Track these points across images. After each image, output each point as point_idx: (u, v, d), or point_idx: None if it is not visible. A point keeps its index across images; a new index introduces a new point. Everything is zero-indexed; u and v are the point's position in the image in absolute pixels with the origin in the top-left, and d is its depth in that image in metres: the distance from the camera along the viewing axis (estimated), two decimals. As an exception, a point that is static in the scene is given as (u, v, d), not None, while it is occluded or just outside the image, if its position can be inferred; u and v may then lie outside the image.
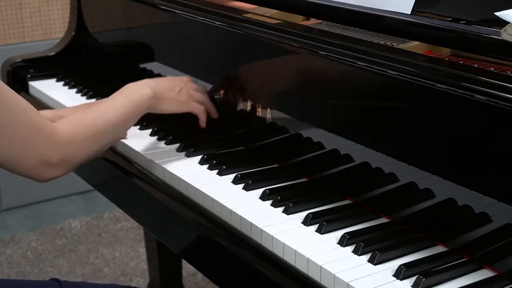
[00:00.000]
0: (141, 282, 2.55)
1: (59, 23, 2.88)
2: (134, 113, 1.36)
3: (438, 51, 1.17)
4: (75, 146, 1.23)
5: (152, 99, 1.38)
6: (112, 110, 1.32)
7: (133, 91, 1.37)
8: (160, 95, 1.39)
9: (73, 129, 1.24)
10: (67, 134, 1.22)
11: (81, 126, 1.26)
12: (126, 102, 1.34)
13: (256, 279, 1.10)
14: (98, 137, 1.28)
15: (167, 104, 1.41)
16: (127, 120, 1.35)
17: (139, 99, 1.36)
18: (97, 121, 1.29)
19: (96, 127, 1.28)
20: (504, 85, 0.97)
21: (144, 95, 1.37)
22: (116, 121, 1.32)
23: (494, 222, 1.05)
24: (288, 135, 1.35)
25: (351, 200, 1.21)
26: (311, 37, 1.25)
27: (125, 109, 1.33)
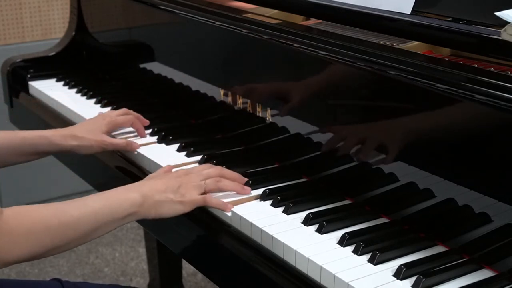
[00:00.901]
0: (141, 282, 2.55)
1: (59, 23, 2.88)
2: (109, 219, 1.13)
3: (438, 51, 1.17)
4: (12, 242, 1.03)
5: (140, 207, 1.15)
6: (78, 208, 1.11)
7: (117, 193, 1.16)
8: (153, 200, 1.16)
9: (17, 221, 1.05)
10: (7, 226, 1.03)
11: (30, 219, 1.07)
12: (100, 203, 1.13)
13: (256, 279, 1.10)
14: (46, 238, 1.07)
15: (165, 208, 1.17)
16: (96, 224, 1.12)
17: (121, 204, 1.14)
18: (52, 219, 1.08)
19: (48, 226, 1.07)
20: (504, 85, 0.97)
21: (128, 200, 1.14)
22: (77, 222, 1.10)
23: (494, 222, 1.05)
24: (288, 135, 1.35)
25: (351, 200, 1.21)
26: (311, 37, 1.25)
27: (96, 210, 1.12)
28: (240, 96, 1.44)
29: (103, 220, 1.12)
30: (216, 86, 1.51)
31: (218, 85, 1.51)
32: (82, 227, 1.10)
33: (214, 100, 1.51)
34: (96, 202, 1.13)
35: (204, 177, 1.21)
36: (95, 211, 1.11)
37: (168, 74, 1.69)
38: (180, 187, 1.18)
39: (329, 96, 1.26)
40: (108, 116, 1.49)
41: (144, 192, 1.16)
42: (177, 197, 1.17)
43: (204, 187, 1.20)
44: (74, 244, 1.12)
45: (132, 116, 1.51)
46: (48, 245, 1.08)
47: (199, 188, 1.20)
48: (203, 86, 1.56)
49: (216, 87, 1.51)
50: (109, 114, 1.51)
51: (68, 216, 1.09)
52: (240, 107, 1.44)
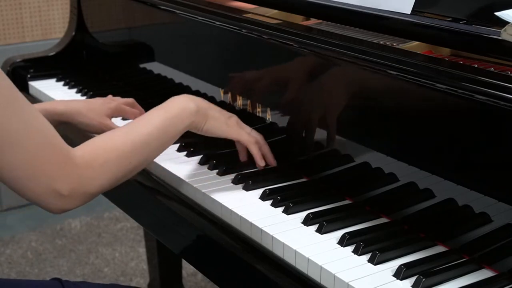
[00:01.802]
0: (141, 282, 2.55)
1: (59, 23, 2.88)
2: (173, 130, 1.20)
3: (438, 51, 1.17)
4: (93, 174, 1.07)
5: (196, 115, 1.23)
6: (145, 125, 1.17)
7: (174, 104, 1.22)
8: (206, 112, 1.25)
9: (92, 155, 1.08)
10: (84, 161, 1.06)
11: (103, 150, 1.10)
12: (163, 116, 1.19)
13: (256, 279, 1.10)
14: (124, 161, 1.12)
15: (213, 124, 1.26)
16: (164, 137, 1.19)
17: (180, 113, 1.21)
18: (125, 143, 1.13)
19: (122, 150, 1.12)
20: (504, 85, 0.97)
21: (186, 110, 1.22)
22: (148, 138, 1.16)
23: (494, 222, 1.05)
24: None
25: (351, 200, 1.21)
26: (311, 37, 1.25)
27: (161, 123, 1.18)
28: (240, 96, 1.44)
29: (167, 132, 1.19)
30: (216, 86, 1.51)
31: (218, 85, 1.51)
32: (152, 144, 1.16)
33: (214, 100, 1.51)
34: (158, 117, 1.19)
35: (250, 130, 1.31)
36: (159, 126, 1.17)
37: (168, 74, 1.69)
38: (231, 118, 1.29)
39: (329, 96, 1.26)
40: (115, 101, 1.53)
41: (200, 105, 1.24)
42: (228, 121, 1.28)
43: (250, 133, 1.30)
44: (149, 160, 1.19)
45: (137, 111, 1.54)
46: (127, 168, 1.13)
47: (246, 129, 1.30)
48: (203, 86, 1.56)
49: (216, 87, 1.51)
50: (116, 99, 1.55)
51: (139, 135, 1.15)
52: (240, 107, 1.44)
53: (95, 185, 1.08)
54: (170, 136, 1.20)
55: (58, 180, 1.03)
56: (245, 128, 1.31)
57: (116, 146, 1.11)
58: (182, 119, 1.21)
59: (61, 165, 1.03)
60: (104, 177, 1.09)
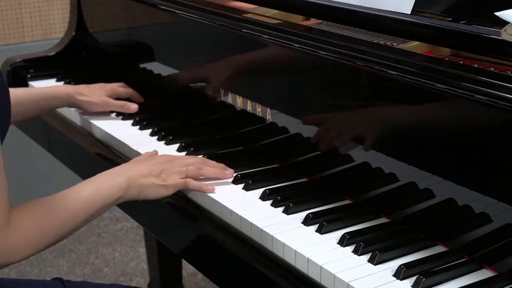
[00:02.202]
0: (141, 282, 2.55)
1: (59, 23, 2.88)
2: (102, 205, 1.20)
3: (438, 51, 1.17)
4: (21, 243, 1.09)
5: (127, 190, 1.22)
6: (75, 200, 1.17)
7: (104, 178, 1.22)
8: (137, 183, 1.23)
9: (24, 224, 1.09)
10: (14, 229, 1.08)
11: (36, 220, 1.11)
12: (92, 192, 1.19)
13: (256, 279, 1.10)
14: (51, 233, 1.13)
15: (149, 191, 1.24)
16: (90, 211, 1.18)
17: (109, 190, 1.20)
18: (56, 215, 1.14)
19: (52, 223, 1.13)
20: (504, 85, 0.97)
21: (115, 186, 1.21)
22: (76, 215, 1.16)
23: (494, 222, 1.05)
24: (288, 135, 1.35)
25: (351, 200, 1.21)
26: (311, 37, 1.25)
27: (91, 199, 1.18)
28: (240, 96, 1.44)
29: (95, 207, 1.18)
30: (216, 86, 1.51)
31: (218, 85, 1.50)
32: (79, 218, 1.17)
33: (214, 100, 1.51)
34: (87, 191, 1.19)
35: (187, 164, 1.27)
36: (88, 201, 1.17)
37: (168, 74, 1.68)
38: (162, 172, 1.24)
39: (329, 96, 1.26)
40: (109, 84, 1.68)
41: (129, 177, 1.22)
42: (159, 181, 1.24)
43: (186, 173, 1.26)
44: (70, 233, 1.18)
45: (130, 90, 1.69)
46: (51, 241, 1.14)
47: (181, 173, 1.26)
48: (203, 86, 1.56)
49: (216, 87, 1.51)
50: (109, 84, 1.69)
51: (67, 211, 1.15)
52: (240, 107, 1.44)
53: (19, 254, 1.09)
54: (97, 211, 1.19)
55: None
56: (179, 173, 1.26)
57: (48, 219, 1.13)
58: (111, 194, 1.20)
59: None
60: (30, 248, 1.10)
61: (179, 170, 1.26)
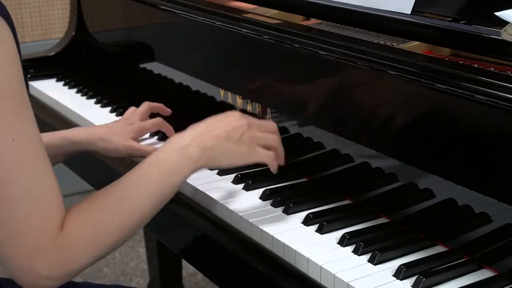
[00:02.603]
0: (141, 282, 2.55)
1: (59, 23, 2.88)
2: (171, 188, 1.05)
3: (438, 51, 1.17)
4: (75, 256, 0.97)
5: (199, 162, 1.06)
6: (136, 193, 1.02)
7: (172, 151, 1.06)
8: (212, 151, 1.07)
9: (77, 229, 0.96)
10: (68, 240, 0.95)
11: (89, 225, 0.98)
12: (157, 175, 1.03)
13: (256, 279, 1.10)
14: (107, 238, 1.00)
15: (224, 159, 1.09)
16: (159, 199, 1.04)
17: (180, 164, 1.05)
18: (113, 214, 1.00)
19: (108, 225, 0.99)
20: (504, 85, 0.97)
21: (187, 159, 1.05)
22: (140, 207, 1.02)
23: (494, 222, 1.05)
24: (288, 135, 1.35)
25: (351, 200, 1.21)
26: (311, 37, 1.25)
27: (156, 185, 1.03)
28: (240, 96, 1.44)
29: (164, 192, 1.03)
30: (216, 86, 1.51)
31: (218, 85, 1.51)
32: (146, 208, 1.02)
33: (214, 100, 1.51)
34: (152, 175, 1.03)
35: (266, 130, 1.14)
36: (154, 186, 1.02)
37: (168, 74, 1.69)
38: (242, 136, 1.10)
39: (329, 96, 1.26)
40: (134, 120, 1.44)
41: (203, 144, 1.06)
42: (238, 147, 1.09)
43: (266, 142, 1.13)
44: (142, 225, 1.04)
45: (159, 120, 1.45)
46: (112, 244, 1.00)
47: (261, 140, 1.12)
48: (203, 86, 1.56)
49: (216, 87, 1.51)
50: (135, 117, 1.45)
51: (127, 207, 1.01)
52: (240, 107, 1.44)
53: (77, 263, 0.97)
54: (167, 196, 1.05)
55: (36, 258, 0.93)
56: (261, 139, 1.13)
57: (103, 220, 0.99)
58: (183, 172, 1.05)
59: (44, 241, 0.93)
60: (86, 256, 0.98)
61: (260, 136, 1.11)
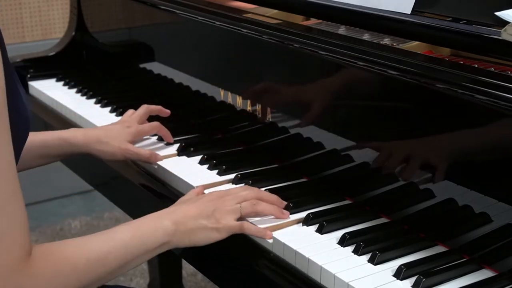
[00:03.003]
0: (141, 282, 2.55)
1: (59, 23, 2.88)
2: (141, 250, 1.05)
3: (438, 51, 1.17)
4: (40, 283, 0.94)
5: (173, 235, 1.08)
6: (105, 241, 1.03)
7: (146, 221, 1.08)
8: (186, 227, 1.08)
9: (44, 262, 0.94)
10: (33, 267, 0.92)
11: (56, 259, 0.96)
12: (130, 233, 1.05)
13: (256, 279, 1.10)
14: (74, 276, 0.97)
15: (200, 236, 1.09)
16: (127, 256, 1.04)
17: (152, 232, 1.06)
18: (81, 255, 0.99)
19: (75, 264, 0.98)
20: (504, 85, 0.97)
21: (159, 229, 1.07)
22: (107, 256, 1.01)
23: (494, 222, 1.05)
24: (288, 135, 1.35)
25: (351, 200, 1.21)
26: (311, 37, 1.25)
27: (127, 241, 1.04)
28: (240, 96, 1.44)
29: (133, 252, 1.04)
30: (216, 86, 1.51)
31: (218, 85, 1.51)
32: (112, 263, 1.02)
33: (214, 100, 1.51)
34: (125, 234, 1.05)
35: (240, 200, 1.13)
36: (124, 244, 1.03)
37: (168, 74, 1.69)
38: (214, 212, 1.10)
39: (329, 96, 1.26)
40: (132, 123, 1.44)
41: (176, 219, 1.08)
42: (211, 223, 1.09)
43: (240, 211, 1.11)
44: (104, 280, 1.03)
45: (157, 124, 1.45)
46: (76, 286, 0.98)
47: (235, 212, 1.11)
48: (203, 86, 1.56)
49: (216, 87, 1.51)
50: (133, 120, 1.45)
51: (96, 252, 1.01)
52: (240, 107, 1.44)
53: None
54: (136, 256, 1.04)
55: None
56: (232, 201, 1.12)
57: (71, 259, 0.98)
58: (154, 239, 1.07)
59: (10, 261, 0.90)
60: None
61: (233, 209, 1.11)
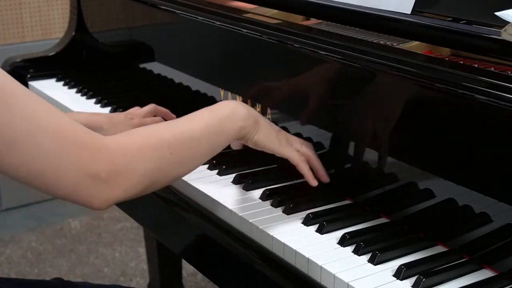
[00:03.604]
0: (141, 282, 2.55)
1: (59, 23, 2.88)
2: (223, 131, 1.08)
3: (438, 51, 1.17)
4: (131, 158, 0.95)
5: (247, 120, 1.11)
6: (191, 121, 1.06)
7: (222, 105, 1.12)
8: (257, 120, 1.13)
9: (128, 140, 0.97)
10: (118, 145, 0.95)
11: (141, 136, 1.00)
12: (211, 115, 1.08)
13: (256, 279, 1.10)
14: (165, 151, 0.99)
15: (265, 135, 1.14)
16: (213, 137, 1.07)
17: (230, 114, 1.10)
18: (164, 132, 1.02)
19: (163, 139, 1.00)
20: (504, 85, 0.97)
21: (237, 113, 1.10)
22: (195, 134, 1.04)
23: (494, 222, 1.05)
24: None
25: (351, 200, 1.21)
26: (311, 37, 1.25)
27: (210, 122, 1.07)
28: (240, 96, 1.44)
29: (217, 132, 1.07)
30: (216, 86, 1.51)
31: (218, 85, 1.51)
32: (201, 139, 1.05)
33: (214, 100, 1.51)
34: (206, 116, 1.08)
35: (301, 142, 1.22)
36: (208, 124, 1.06)
37: (168, 74, 1.69)
38: (280, 133, 1.19)
39: (329, 96, 1.26)
40: (136, 116, 1.43)
41: (250, 109, 1.14)
42: (278, 136, 1.17)
43: (300, 149, 1.20)
44: (196, 159, 1.06)
45: (160, 119, 1.46)
46: (170, 159, 1.00)
47: (295, 145, 1.20)
48: (203, 86, 1.56)
49: (216, 87, 1.51)
50: (137, 114, 1.45)
51: (184, 129, 1.04)
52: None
53: (135, 169, 0.95)
54: (219, 137, 1.08)
55: (89, 164, 0.91)
56: (295, 143, 1.20)
57: (157, 134, 1.01)
58: (233, 121, 1.10)
59: (88, 147, 0.91)
60: (143, 162, 0.96)
61: (296, 142, 1.20)
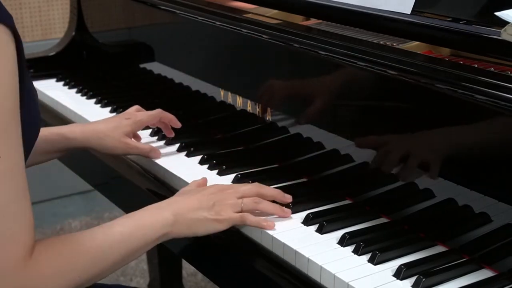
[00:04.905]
0: (141, 282, 2.55)
1: (59, 23, 2.88)
2: (144, 243, 1.06)
3: (438, 51, 1.17)
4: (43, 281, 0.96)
5: (173, 226, 1.08)
6: (107, 236, 1.04)
7: (146, 213, 1.10)
8: (185, 218, 1.09)
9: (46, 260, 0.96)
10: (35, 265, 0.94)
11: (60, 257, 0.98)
12: (130, 225, 1.06)
13: (256, 279, 1.10)
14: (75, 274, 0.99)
15: (199, 227, 1.10)
16: (131, 249, 1.05)
17: (151, 226, 1.07)
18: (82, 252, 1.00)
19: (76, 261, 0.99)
20: (504, 85, 0.97)
21: (159, 221, 1.08)
22: (108, 252, 1.03)
23: (494, 222, 1.05)
24: (288, 135, 1.35)
25: (351, 200, 1.21)
26: (311, 37, 1.25)
27: (126, 233, 1.05)
28: (240, 96, 1.44)
29: (134, 245, 1.05)
30: (216, 86, 1.51)
31: (218, 85, 1.51)
32: (113, 257, 1.04)
33: (214, 100, 1.51)
34: (125, 227, 1.06)
35: (241, 195, 1.14)
36: (124, 238, 1.05)
37: (168, 74, 1.69)
38: (215, 204, 1.11)
39: (329, 96, 1.26)
40: (132, 115, 1.42)
41: (176, 211, 1.09)
42: (211, 214, 1.10)
43: (241, 207, 1.12)
44: (106, 274, 1.05)
45: (158, 111, 1.43)
46: (77, 282, 1.00)
47: (235, 206, 1.12)
48: (203, 86, 1.56)
49: (216, 87, 1.51)
50: (133, 113, 1.43)
51: (96, 248, 1.02)
52: (240, 107, 1.44)
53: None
54: (136, 248, 1.06)
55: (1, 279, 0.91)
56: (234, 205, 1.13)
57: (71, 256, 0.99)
58: (155, 231, 1.07)
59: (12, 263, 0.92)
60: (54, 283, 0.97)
61: (234, 203, 1.12)
